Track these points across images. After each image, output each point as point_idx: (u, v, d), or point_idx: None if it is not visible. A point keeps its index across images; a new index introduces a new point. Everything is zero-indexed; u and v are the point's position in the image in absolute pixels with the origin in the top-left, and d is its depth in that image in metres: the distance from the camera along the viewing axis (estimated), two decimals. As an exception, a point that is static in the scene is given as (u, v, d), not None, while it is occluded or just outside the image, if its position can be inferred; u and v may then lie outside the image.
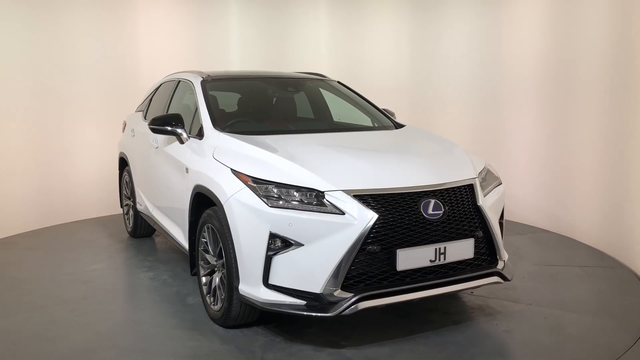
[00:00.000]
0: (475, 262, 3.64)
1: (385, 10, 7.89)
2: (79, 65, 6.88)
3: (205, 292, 4.00)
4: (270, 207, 3.32)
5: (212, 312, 3.91)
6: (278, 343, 3.60)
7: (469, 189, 3.64)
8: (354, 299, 3.24)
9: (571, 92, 6.06)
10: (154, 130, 4.48)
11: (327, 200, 3.31)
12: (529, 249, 5.73)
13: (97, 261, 5.43)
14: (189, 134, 4.49)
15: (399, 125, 4.88)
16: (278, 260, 3.32)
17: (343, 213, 3.27)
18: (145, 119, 5.75)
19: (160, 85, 5.80)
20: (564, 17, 6.14)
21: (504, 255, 3.84)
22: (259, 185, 3.41)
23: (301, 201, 3.32)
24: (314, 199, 3.32)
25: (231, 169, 3.60)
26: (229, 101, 5.02)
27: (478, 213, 3.61)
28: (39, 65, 6.57)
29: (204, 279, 4.02)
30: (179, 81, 5.24)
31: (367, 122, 5.01)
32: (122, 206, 6.51)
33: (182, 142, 4.47)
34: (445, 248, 3.43)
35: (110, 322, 4.02)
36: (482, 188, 3.79)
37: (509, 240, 5.87)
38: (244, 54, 7.78)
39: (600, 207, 5.73)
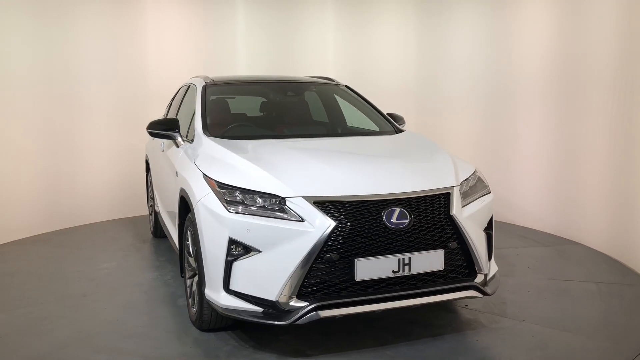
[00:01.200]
0: (449, 275, 3.48)
1: (392, 13, 7.86)
2: (88, 69, 6.94)
3: (188, 294, 4.05)
4: (230, 212, 3.31)
5: (191, 315, 3.95)
6: (245, 349, 3.59)
7: (444, 197, 3.49)
8: (308, 308, 3.18)
9: (579, 95, 5.99)
10: (151, 134, 4.58)
11: (288, 207, 3.27)
12: (548, 261, 5.43)
13: (111, 260, 5.61)
14: (186, 138, 4.56)
15: (399, 130, 4.76)
16: (238, 266, 3.31)
17: (302, 220, 3.22)
18: None
19: (180, 89, 5.93)
20: (570, 20, 6.08)
21: (487, 268, 3.66)
22: (223, 191, 3.41)
23: (263, 207, 3.30)
24: (275, 205, 3.29)
25: (203, 174, 3.63)
26: (235, 105, 5.07)
27: (452, 223, 3.45)
28: (48, 68, 6.60)
29: (188, 282, 4.07)
30: (189, 85, 5.34)
31: (369, 126, 4.92)
32: (148, 207, 6.72)
33: (177, 146, 4.55)
34: (410, 259, 3.31)
35: (98, 320, 4.13)
36: (464, 197, 3.63)
37: (530, 252, 5.63)
38: (251, 58, 7.84)
39: (610, 210, 5.61)
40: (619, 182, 5.51)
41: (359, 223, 3.25)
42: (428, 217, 3.39)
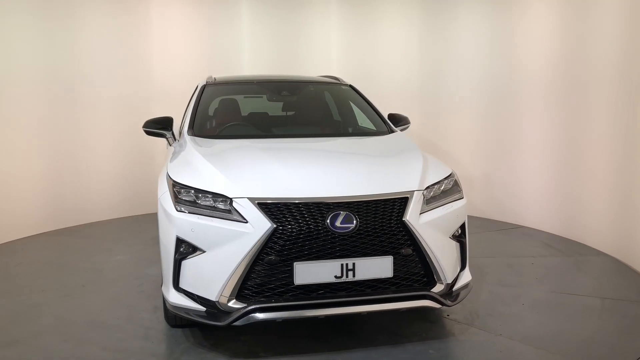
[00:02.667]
0: (403, 283, 3.35)
1: (396, 13, 7.79)
2: (93, 69, 6.99)
3: None
4: (177, 211, 3.35)
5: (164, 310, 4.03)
6: (201, 347, 3.62)
7: (399, 202, 3.36)
8: (245, 310, 3.16)
9: (582, 95, 5.94)
10: (146, 132, 4.71)
11: (234, 207, 3.26)
12: (561, 272, 5.09)
13: (126, 253, 5.82)
14: (179, 136, 4.65)
15: (391, 131, 4.63)
16: (186, 264, 3.34)
17: (246, 221, 3.20)
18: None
19: (196, 87, 6.06)
20: (575, 20, 6.01)
21: (451, 277, 3.49)
22: (176, 189, 3.45)
23: (212, 207, 3.30)
24: (222, 205, 3.29)
25: (167, 173, 3.69)
26: (234, 105, 5.12)
27: (404, 229, 3.31)
28: (54, 67, 6.64)
29: None
30: (198, 85, 5.44)
31: (367, 126, 4.82)
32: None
33: (169, 144, 4.66)
34: (354, 264, 3.21)
35: (82, 309, 4.30)
36: (429, 202, 3.48)
37: (547, 262, 5.35)
38: (255, 57, 7.88)
39: (614, 211, 5.52)
40: (624, 182, 5.39)
41: (300, 226, 3.19)
42: (376, 222, 3.27)
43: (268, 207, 3.21)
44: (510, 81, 6.82)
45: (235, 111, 5.04)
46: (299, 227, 3.18)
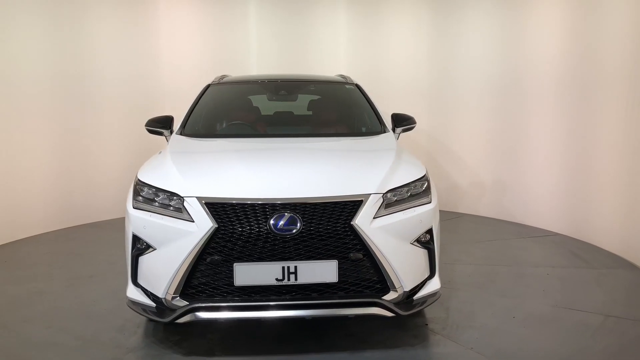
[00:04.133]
0: (353, 288, 3.25)
1: (404, 11, 7.73)
2: (101, 68, 6.98)
3: None
4: (134, 208, 3.43)
5: None
6: (163, 343, 3.67)
7: (350, 205, 3.25)
8: (186, 309, 3.19)
9: (592, 94, 5.86)
10: (148, 131, 4.84)
11: (184, 206, 3.29)
12: (575, 285, 4.74)
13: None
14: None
15: (384, 132, 4.50)
16: (142, 260, 3.41)
17: (193, 220, 3.23)
18: None
19: None
20: (584, 19, 5.94)
21: (408, 284, 3.34)
22: (139, 187, 3.53)
23: (166, 205, 3.36)
24: (175, 204, 3.33)
25: (140, 170, 3.78)
26: (238, 104, 5.17)
27: (353, 233, 3.21)
28: (63, 67, 6.64)
29: None
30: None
31: (361, 127, 4.72)
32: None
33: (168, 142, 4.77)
34: (296, 267, 3.15)
35: (78, 299, 4.49)
36: (388, 206, 3.35)
37: (565, 273, 5.04)
38: (263, 57, 7.86)
39: (622, 210, 5.46)
40: (633, 181, 5.32)
41: (242, 226, 3.17)
42: (322, 226, 3.19)
43: (214, 207, 3.22)
44: (519, 80, 6.74)
45: (231, 111, 5.07)
46: (240, 227, 3.17)
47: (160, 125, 4.71)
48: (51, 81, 6.54)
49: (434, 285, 3.56)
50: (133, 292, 3.47)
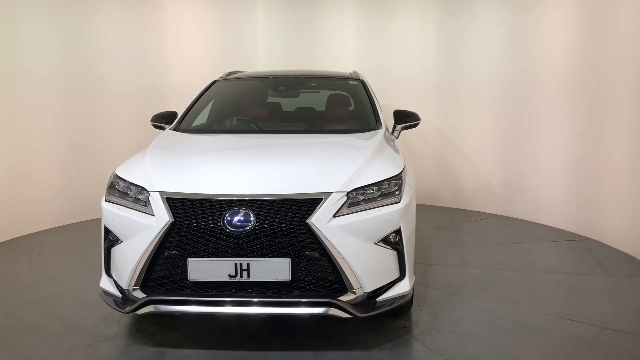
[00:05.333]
0: (311, 288, 3.21)
1: (413, 7, 7.55)
2: (109, 64, 6.94)
3: None
4: (105, 201, 3.54)
5: None
6: (138, 333, 3.76)
7: (309, 203, 3.21)
8: (143, 301, 3.26)
9: (601, 92, 5.81)
10: (153, 126, 4.97)
11: (149, 200, 3.36)
12: (588, 294, 4.47)
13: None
14: None
15: (376, 129, 4.41)
16: (112, 252, 3.51)
17: (154, 215, 3.29)
18: None
19: None
20: (595, 15, 5.86)
21: (369, 285, 3.27)
22: (115, 180, 3.64)
23: (136, 199, 3.43)
24: (142, 198, 3.40)
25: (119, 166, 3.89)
26: (244, 100, 5.21)
27: (309, 231, 3.17)
28: (70, 64, 6.59)
29: None
30: None
31: (358, 123, 4.65)
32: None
33: None
34: (248, 264, 3.14)
35: (77, 286, 4.63)
36: (352, 205, 3.28)
37: (579, 281, 4.79)
38: (270, 52, 7.81)
39: (632, 209, 5.36)
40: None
41: (198, 222, 3.20)
42: (276, 223, 3.17)
43: (173, 202, 3.27)
44: (527, 78, 6.64)
45: (231, 107, 5.11)
46: (195, 223, 3.20)
47: (164, 120, 4.82)
48: (59, 77, 6.50)
49: (402, 287, 3.45)
50: (105, 283, 3.58)
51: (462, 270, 5.02)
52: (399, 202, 3.42)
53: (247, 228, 3.16)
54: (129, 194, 3.48)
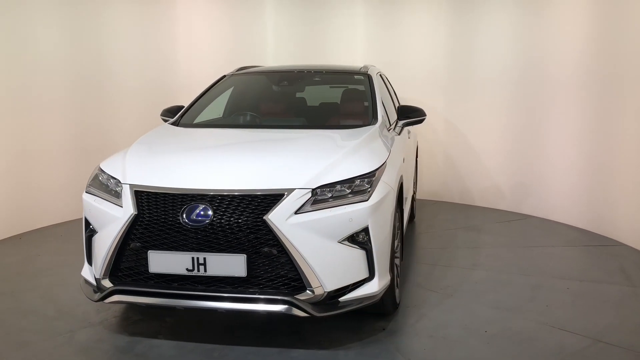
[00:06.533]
0: (269, 284, 3.19)
1: (424, 4, 7.48)
2: (119, 60, 6.95)
3: None
4: (85, 192, 3.65)
5: None
6: (126, 321, 3.88)
7: (269, 199, 3.18)
8: (108, 291, 3.34)
9: (613, 89, 5.73)
10: (163, 120, 5.08)
11: (121, 193, 3.44)
12: (594, 305, 4.20)
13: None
14: None
15: (373, 124, 4.30)
16: (91, 242, 3.62)
17: (122, 207, 3.37)
18: None
19: None
20: (606, 13, 5.79)
21: (329, 284, 3.20)
22: (98, 172, 3.75)
23: (112, 191, 3.52)
24: (118, 190, 3.48)
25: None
26: (252, 95, 5.24)
27: (266, 228, 3.14)
28: (81, 59, 6.59)
29: None
30: None
31: (356, 119, 4.57)
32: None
33: None
34: (205, 259, 3.16)
35: (75, 276, 4.71)
36: (320, 201, 3.23)
37: (596, 289, 4.54)
38: (280, 49, 7.74)
39: None
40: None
41: (159, 215, 3.24)
42: (233, 218, 3.16)
43: (140, 195, 3.33)
44: (539, 73, 6.58)
45: (235, 101, 5.13)
46: (157, 216, 3.24)
47: (172, 115, 4.92)
48: (69, 72, 6.51)
49: (371, 287, 3.36)
50: (86, 272, 3.70)
51: (469, 273, 4.83)
52: (367, 200, 3.32)
53: (205, 222, 3.17)
54: (108, 186, 3.57)
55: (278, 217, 3.13)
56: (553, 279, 4.69)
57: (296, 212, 3.17)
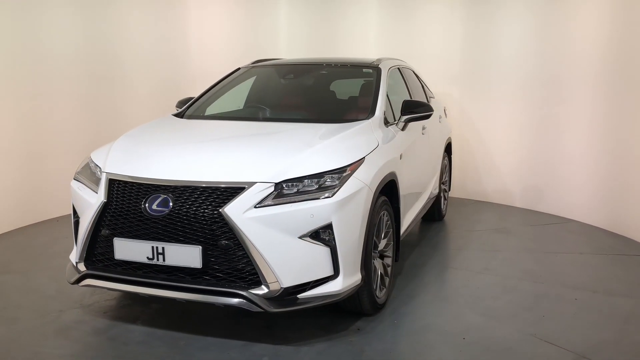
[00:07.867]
0: (225, 277, 3.20)
1: (437, 1, 7.32)
2: (131, 53, 6.94)
3: None
4: (73, 179, 3.80)
5: None
6: (107, 306, 4.01)
7: (228, 192, 3.19)
8: (80, 275, 3.47)
9: (631, 87, 5.58)
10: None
11: (101, 180, 3.56)
12: (594, 317, 3.91)
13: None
14: None
15: (368, 119, 4.20)
16: (77, 227, 3.77)
17: (97, 194, 3.49)
18: None
19: None
20: (625, 11, 5.64)
21: (286, 279, 3.17)
22: (89, 160, 3.89)
23: (93, 178, 3.65)
24: (97, 178, 3.61)
25: None
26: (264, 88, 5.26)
27: (223, 221, 3.15)
28: (93, 52, 6.57)
29: None
30: None
31: (356, 113, 4.47)
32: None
33: None
34: (164, 249, 3.21)
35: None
36: (283, 196, 3.21)
37: (605, 301, 4.25)
38: (291, 44, 7.67)
39: None
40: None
41: (123, 203, 3.32)
42: (191, 210, 3.18)
43: (112, 184, 3.43)
44: (555, 71, 6.46)
45: (253, 93, 5.15)
46: (122, 204, 3.33)
47: (182, 106, 5.02)
48: (82, 64, 6.49)
49: (334, 285, 3.29)
50: (72, 255, 3.84)
51: (475, 277, 4.62)
52: (331, 196, 3.25)
53: (165, 212, 3.21)
54: (95, 174, 3.69)
55: (235, 210, 3.13)
56: (563, 288, 4.40)
57: (256, 206, 3.16)
